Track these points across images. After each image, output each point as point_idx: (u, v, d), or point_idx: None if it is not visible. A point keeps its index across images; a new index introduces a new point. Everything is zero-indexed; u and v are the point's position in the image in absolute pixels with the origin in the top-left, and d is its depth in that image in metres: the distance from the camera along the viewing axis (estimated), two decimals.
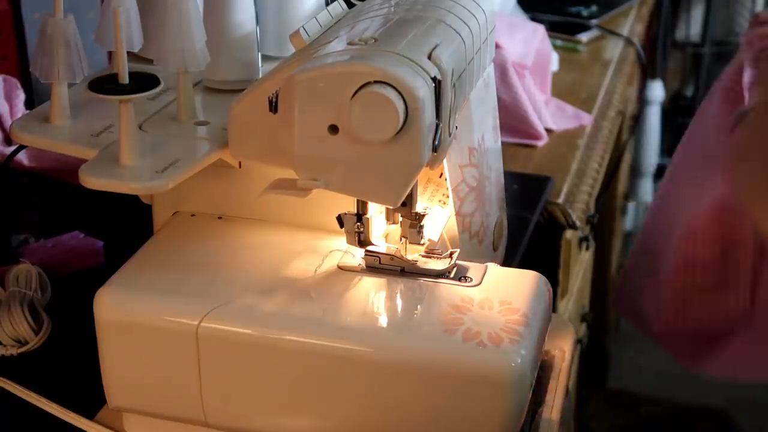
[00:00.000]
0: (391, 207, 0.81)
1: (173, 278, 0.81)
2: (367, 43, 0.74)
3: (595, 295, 2.05)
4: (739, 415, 2.46)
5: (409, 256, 0.81)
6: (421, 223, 0.81)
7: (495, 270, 0.82)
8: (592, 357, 2.21)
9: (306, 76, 0.72)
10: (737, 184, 0.75)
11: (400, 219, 0.82)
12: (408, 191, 0.76)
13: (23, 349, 0.92)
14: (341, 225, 0.81)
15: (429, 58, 0.73)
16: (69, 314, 0.96)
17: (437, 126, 0.73)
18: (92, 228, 1.10)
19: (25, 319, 0.93)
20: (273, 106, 0.75)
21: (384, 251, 0.81)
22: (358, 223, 0.81)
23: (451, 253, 0.81)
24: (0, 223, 1.08)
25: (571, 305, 1.54)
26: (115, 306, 0.78)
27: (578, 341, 1.42)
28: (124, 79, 0.77)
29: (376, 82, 0.70)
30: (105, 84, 0.77)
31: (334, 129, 0.72)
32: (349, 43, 0.75)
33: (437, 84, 0.72)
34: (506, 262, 1.03)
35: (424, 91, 0.70)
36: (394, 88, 0.69)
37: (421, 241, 0.82)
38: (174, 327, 0.76)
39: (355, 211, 0.81)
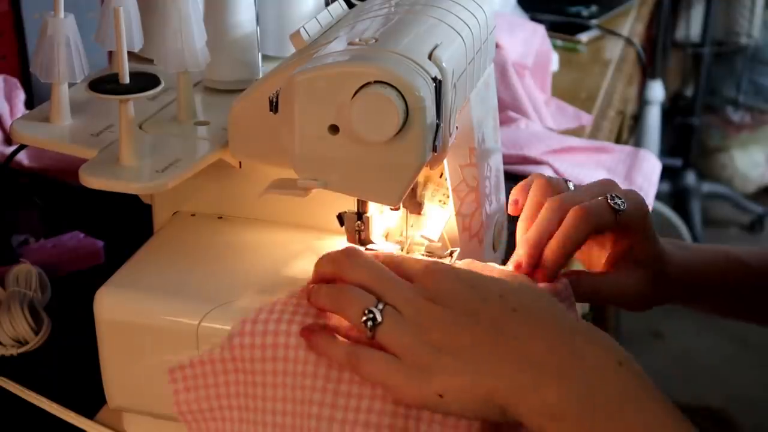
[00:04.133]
0: (391, 207, 0.81)
1: (173, 278, 0.81)
2: (367, 43, 0.74)
3: None
4: (739, 415, 2.46)
5: (410, 255, 0.81)
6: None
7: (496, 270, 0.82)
8: None
9: (306, 76, 0.72)
10: None
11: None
12: (408, 191, 0.76)
13: (23, 349, 0.92)
14: (341, 224, 0.81)
15: (429, 58, 0.73)
16: (69, 314, 0.96)
17: (438, 126, 0.73)
18: (92, 228, 1.10)
19: (24, 319, 0.93)
20: (273, 106, 0.75)
21: (385, 250, 0.81)
22: (359, 222, 0.81)
23: (451, 252, 0.81)
24: (0, 224, 1.08)
25: None
26: (115, 306, 0.78)
27: None
28: (125, 79, 0.77)
29: (376, 82, 0.69)
30: (105, 84, 0.77)
31: (334, 129, 0.72)
32: (350, 43, 0.74)
33: (438, 84, 0.72)
34: (506, 263, 1.03)
35: (425, 91, 0.70)
36: (395, 88, 0.69)
37: (421, 211, 0.82)
38: (174, 327, 0.76)
39: (356, 210, 0.81)
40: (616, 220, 0.78)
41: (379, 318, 0.67)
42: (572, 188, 0.83)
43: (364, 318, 0.67)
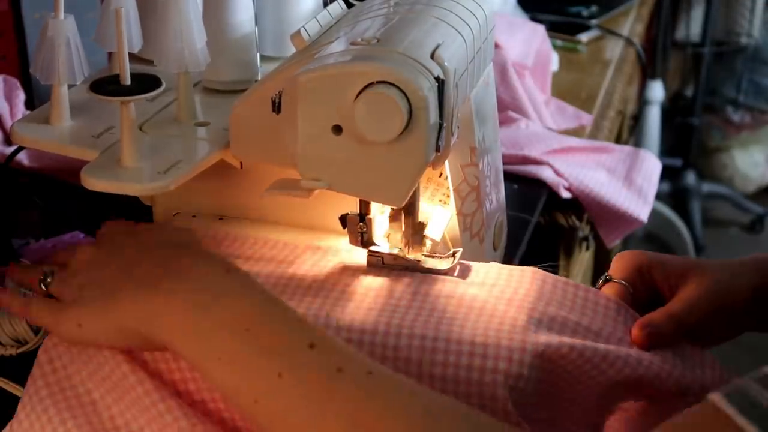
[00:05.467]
0: (395, 207, 0.81)
1: None
2: (369, 43, 0.74)
3: None
4: None
5: (412, 256, 0.81)
6: (424, 232, 0.82)
7: (499, 269, 0.82)
8: None
9: (309, 76, 0.71)
10: None
11: (402, 227, 0.82)
12: (412, 191, 0.76)
13: (23, 349, 0.92)
14: (344, 225, 0.81)
15: (432, 57, 0.73)
16: None
17: (440, 125, 0.73)
18: (92, 228, 1.10)
19: (24, 319, 0.92)
20: (276, 107, 0.75)
21: (387, 251, 0.81)
22: (361, 224, 0.80)
23: (454, 253, 0.81)
24: (0, 224, 1.08)
25: None
26: None
27: None
28: (126, 80, 0.76)
29: (379, 82, 0.69)
30: (107, 85, 0.77)
31: (337, 129, 0.72)
32: (352, 43, 0.74)
33: (440, 83, 0.72)
34: (506, 262, 1.03)
35: (428, 91, 0.70)
36: (398, 88, 0.69)
37: (424, 244, 0.82)
38: None
39: (358, 212, 0.81)
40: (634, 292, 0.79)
41: (50, 280, 0.76)
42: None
43: (40, 280, 0.77)
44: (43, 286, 0.77)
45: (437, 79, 0.72)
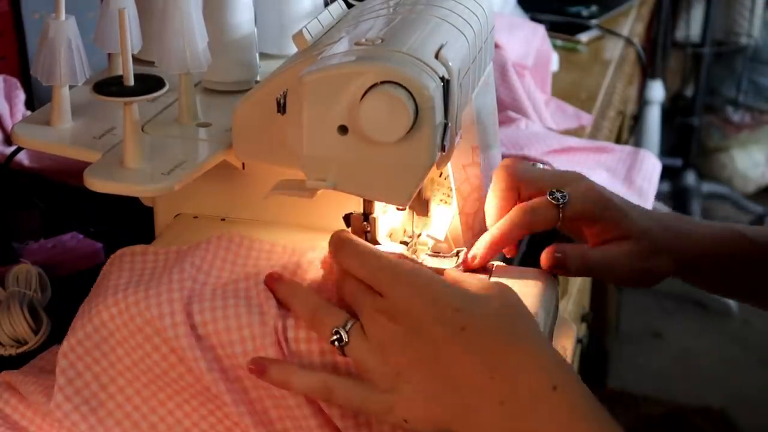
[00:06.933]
0: (400, 207, 0.81)
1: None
2: (374, 43, 0.74)
3: (595, 295, 2.05)
4: (738, 415, 2.46)
5: (416, 255, 0.81)
6: (428, 232, 0.82)
7: (503, 268, 0.82)
8: (592, 357, 2.21)
9: (315, 77, 0.71)
10: None
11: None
12: (417, 191, 0.75)
13: (22, 349, 0.92)
14: (348, 225, 0.81)
15: (436, 57, 0.73)
16: (69, 314, 0.95)
17: (446, 125, 0.73)
18: (93, 229, 1.10)
19: (24, 319, 0.92)
20: (281, 107, 0.75)
21: (391, 250, 0.81)
22: (365, 223, 0.80)
23: (458, 252, 0.81)
24: (0, 224, 1.08)
25: (571, 305, 1.53)
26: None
27: (578, 341, 1.42)
28: (130, 81, 0.76)
29: (385, 82, 0.69)
30: (110, 86, 0.77)
31: (343, 129, 0.72)
32: (356, 44, 0.74)
33: (446, 83, 0.72)
34: (506, 263, 1.03)
35: (434, 91, 0.70)
36: (404, 87, 0.69)
37: (428, 212, 0.83)
38: None
39: (362, 211, 0.81)
40: (560, 214, 0.80)
41: (345, 338, 0.70)
42: (541, 167, 0.85)
43: (333, 338, 0.70)
44: (336, 344, 0.70)
45: (442, 78, 0.72)
